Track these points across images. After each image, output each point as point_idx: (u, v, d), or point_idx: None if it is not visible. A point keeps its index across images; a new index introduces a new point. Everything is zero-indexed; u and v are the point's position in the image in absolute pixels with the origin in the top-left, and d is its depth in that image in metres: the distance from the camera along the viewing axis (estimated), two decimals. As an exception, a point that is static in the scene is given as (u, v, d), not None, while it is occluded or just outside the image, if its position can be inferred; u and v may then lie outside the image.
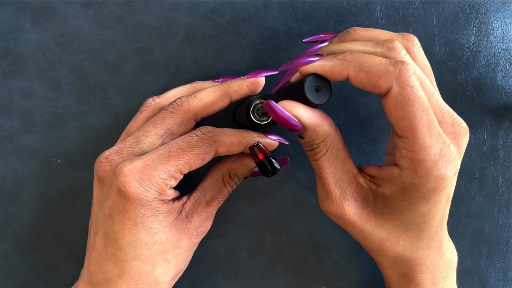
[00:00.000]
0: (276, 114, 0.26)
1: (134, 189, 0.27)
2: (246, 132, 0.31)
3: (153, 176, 0.28)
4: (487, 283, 0.39)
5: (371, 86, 0.25)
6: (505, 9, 0.37)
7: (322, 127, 0.26)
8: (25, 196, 0.35)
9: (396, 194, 0.26)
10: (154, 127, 0.30)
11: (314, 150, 0.27)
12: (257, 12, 0.35)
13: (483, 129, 0.37)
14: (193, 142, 0.29)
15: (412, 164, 0.25)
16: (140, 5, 0.35)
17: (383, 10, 0.36)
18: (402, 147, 0.25)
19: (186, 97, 0.31)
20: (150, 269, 0.29)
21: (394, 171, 0.26)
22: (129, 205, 0.28)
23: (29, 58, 0.34)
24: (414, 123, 0.24)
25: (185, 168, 0.29)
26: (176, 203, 0.30)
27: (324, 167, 0.27)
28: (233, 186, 0.33)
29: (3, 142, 0.35)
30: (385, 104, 0.25)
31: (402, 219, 0.27)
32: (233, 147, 0.30)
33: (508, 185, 0.38)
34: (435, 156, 0.24)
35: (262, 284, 0.38)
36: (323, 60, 0.26)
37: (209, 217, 0.32)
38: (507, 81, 0.37)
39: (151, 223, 0.29)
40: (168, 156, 0.28)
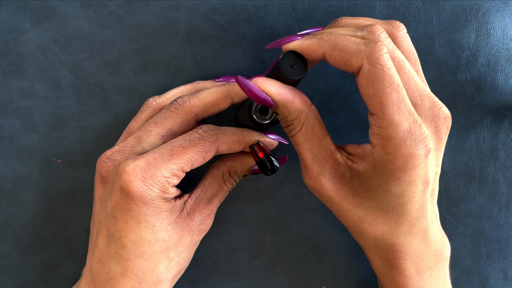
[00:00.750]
0: (248, 90, 0.27)
1: (137, 188, 0.28)
2: (247, 131, 0.31)
3: (156, 174, 0.28)
4: (487, 283, 0.39)
5: (344, 64, 0.26)
6: (505, 8, 0.37)
7: (294, 104, 0.27)
8: (25, 196, 0.35)
9: (369, 171, 0.27)
10: (156, 126, 0.31)
11: (289, 127, 0.28)
12: (257, 12, 0.35)
13: (483, 129, 0.37)
14: (194, 140, 0.29)
15: (381, 141, 0.25)
16: (140, 5, 0.35)
17: (383, 10, 0.36)
18: (373, 124, 0.25)
19: (188, 97, 0.31)
20: (153, 267, 0.29)
21: (367, 148, 0.27)
22: (132, 203, 0.28)
23: (29, 58, 0.34)
24: (383, 100, 0.24)
25: (187, 166, 0.29)
26: (178, 201, 0.30)
27: (301, 143, 0.28)
28: (233, 184, 0.33)
29: (3, 142, 0.35)
30: (358, 82, 0.25)
31: (377, 199, 0.28)
32: (234, 146, 0.30)
33: (508, 185, 0.38)
34: (404, 133, 0.25)
35: (262, 284, 0.38)
36: (303, 39, 0.27)
37: (210, 215, 0.32)
38: (507, 81, 0.37)
39: (154, 221, 0.29)
40: (170, 154, 0.29)
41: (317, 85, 0.36)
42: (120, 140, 0.33)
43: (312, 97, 0.36)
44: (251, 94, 0.27)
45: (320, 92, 0.36)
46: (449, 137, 0.37)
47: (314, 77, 0.36)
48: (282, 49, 0.28)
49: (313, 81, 0.36)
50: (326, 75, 0.36)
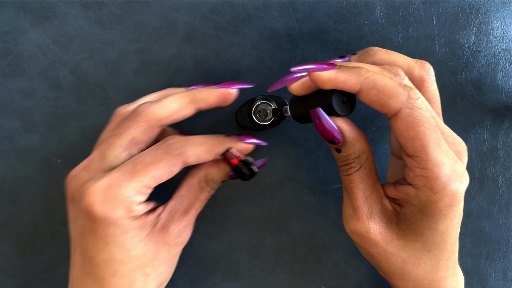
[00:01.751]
0: (321, 123, 0.26)
1: (99, 210, 0.27)
2: (217, 139, 0.30)
3: (118, 194, 0.27)
4: (487, 283, 0.39)
5: (380, 104, 0.25)
6: (505, 9, 0.37)
7: (360, 142, 0.27)
8: (25, 196, 0.35)
9: (416, 213, 0.27)
10: (118, 138, 0.30)
11: (349, 165, 0.28)
12: (257, 12, 0.35)
13: (483, 129, 0.37)
14: (158, 155, 0.28)
15: (428, 182, 0.26)
16: (140, 5, 0.35)
17: (383, 10, 0.36)
18: (416, 166, 0.26)
19: (149, 103, 0.30)
20: (129, 284, 0.29)
21: (409, 191, 0.27)
22: (97, 225, 0.27)
23: (29, 58, 0.34)
24: (425, 142, 0.25)
25: (152, 183, 0.28)
26: (150, 216, 0.29)
27: (356, 183, 0.28)
28: (210, 192, 0.31)
29: (3, 142, 0.35)
30: (395, 125, 0.26)
31: (423, 239, 0.28)
32: (203, 156, 0.29)
33: (508, 185, 0.38)
34: (448, 171, 0.25)
35: (262, 284, 0.38)
36: (338, 71, 0.26)
37: (187, 226, 0.31)
38: (507, 81, 0.37)
39: (123, 240, 0.28)
40: (133, 172, 0.28)
41: (317, 85, 0.36)
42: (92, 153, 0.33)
43: (312, 97, 0.36)
44: (323, 127, 0.26)
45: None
46: (449, 137, 0.37)
47: (314, 77, 0.36)
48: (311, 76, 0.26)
49: (313, 81, 0.36)
50: (326, 75, 0.36)
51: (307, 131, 0.37)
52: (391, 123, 0.26)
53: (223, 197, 0.37)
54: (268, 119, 0.33)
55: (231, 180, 0.33)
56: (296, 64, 0.36)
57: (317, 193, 0.37)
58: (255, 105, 0.33)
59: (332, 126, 0.26)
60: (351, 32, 0.36)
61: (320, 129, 0.26)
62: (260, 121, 0.33)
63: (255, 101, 0.33)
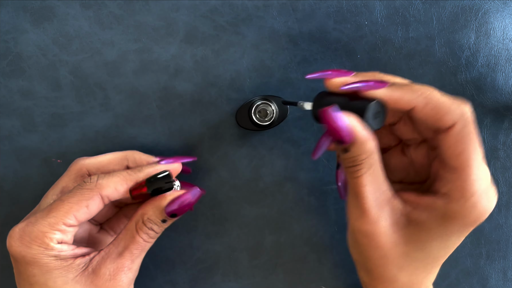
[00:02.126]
0: (332, 121, 0.25)
1: (16, 248, 0.27)
2: (133, 169, 0.30)
3: (33, 231, 0.27)
4: (487, 283, 0.39)
5: (435, 120, 0.26)
6: (505, 9, 0.37)
7: (370, 143, 0.26)
8: (25, 196, 0.35)
9: (433, 221, 0.27)
10: (52, 188, 0.31)
11: (357, 166, 0.27)
12: (257, 12, 0.35)
13: (483, 129, 0.37)
14: (73, 191, 0.29)
15: (465, 195, 0.26)
16: (140, 5, 0.35)
17: (383, 10, 0.36)
18: (456, 179, 0.26)
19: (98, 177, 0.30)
20: None
21: (438, 201, 0.27)
22: (19, 266, 0.28)
23: (29, 58, 0.34)
24: (472, 157, 0.26)
25: (69, 219, 0.28)
26: (79, 259, 0.29)
27: (364, 185, 0.27)
28: (148, 233, 0.30)
29: (3, 142, 0.35)
30: (445, 139, 0.26)
31: (428, 250, 0.28)
32: (120, 186, 0.29)
33: (508, 185, 0.38)
34: (484, 188, 0.26)
35: (262, 284, 0.38)
36: (393, 88, 0.26)
37: (121, 269, 0.29)
38: (507, 81, 0.37)
39: (45, 281, 0.28)
40: (49, 210, 0.28)
41: (317, 85, 0.36)
42: None
43: (312, 97, 0.36)
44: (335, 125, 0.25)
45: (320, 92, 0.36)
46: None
47: (314, 77, 0.36)
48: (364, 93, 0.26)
49: (313, 81, 0.36)
50: (326, 75, 0.36)
51: (307, 131, 0.37)
52: (440, 136, 0.26)
53: (223, 197, 0.37)
54: (267, 119, 0.33)
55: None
56: (295, 65, 0.36)
57: (317, 193, 0.37)
58: (255, 105, 0.33)
59: (344, 125, 0.25)
60: (351, 32, 0.36)
61: (332, 128, 0.25)
62: (260, 121, 0.33)
63: (255, 101, 0.33)
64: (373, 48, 0.36)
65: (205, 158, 0.36)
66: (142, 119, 0.36)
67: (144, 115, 0.36)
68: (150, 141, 0.36)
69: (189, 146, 0.36)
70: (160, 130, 0.36)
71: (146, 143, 0.36)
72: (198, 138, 0.36)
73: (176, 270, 0.37)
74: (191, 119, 0.36)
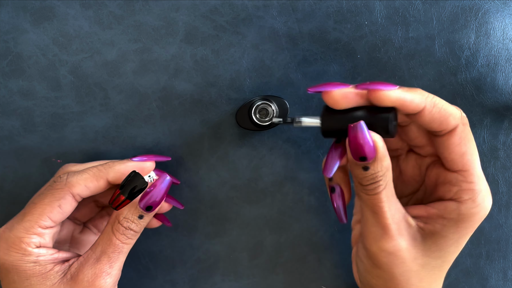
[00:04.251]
0: (360, 137, 0.25)
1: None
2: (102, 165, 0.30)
3: (9, 237, 0.27)
4: (487, 283, 0.39)
5: (440, 122, 0.26)
6: (505, 9, 0.37)
7: (387, 159, 0.26)
8: (25, 196, 0.35)
9: (450, 227, 0.28)
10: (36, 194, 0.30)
11: (376, 183, 0.27)
12: (257, 12, 0.35)
13: (483, 129, 0.37)
14: (43, 192, 0.28)
15: (473, 194, 0.27)
16: (140, 5, 0.35)
17: (383, 10, 0.36)
18: (462, 181, 0.27)
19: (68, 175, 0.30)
20: None
21: (449, 205, 0.28)
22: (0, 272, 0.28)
23: (28, 58, 0.35)
24: (474, 157, 0.27)
25: (43, 221, 0.28)
26: (58, 266, 0.28)
27: (384, 202, 0.27)
28: (126, 234, 0.29)
29: (3, 142, 0.35)
30: (448, 140, 0.27)
31: (446, 256, 0.29)
32: (90, 183, 0.29)
33: (508, 185, 0.38)
34: (486, 187, 0.28)
35: (262, 284, 0.38)
36: (403, 90, 0.26)
37: (99, 275, 0.28)
38: (507, 81, 0.37)
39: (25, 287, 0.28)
40: (23, 214, 0.28)
41: (317, 85, 0.36)
42: None
43: (312, 98, 0.36)
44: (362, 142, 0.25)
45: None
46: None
47: (314, 77, 0.36)
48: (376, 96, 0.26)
49: (313, 81, 0.36)
50: (326, 75, 0.36)
51: (307, 131, 0.37)
52: (443, 139, 0.27)
53: (223, 197, 0.37)
54: (268, 119, 0.33)
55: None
56: (295, 65, 0.36)
57: (317, 193, 0.37)
58: (255, 105, 0.33)
59: (370, 141, 0.25)
60: (351, 32, 0.36)
61: (359, 144, 0.25)
62: (260, 121, 0.33)
63: (255, 102, 0.33)
64: (373, 48, 0.36)
65: (205, 158, 0.36)
66: (142, 119, 0.36)
67: (144, 115, 0.36)
68: (150, 141, 0.36)
69: (189, 146, 0.36)
70: (160, 130, 0.36)
71: (146, 143, 0.36)
72: (198, 138, 0.36)
73: (176, 269, 0.37)
74: (191, 119, 0.36)
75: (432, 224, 0.28)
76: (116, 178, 0.29)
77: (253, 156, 0.37)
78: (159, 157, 0.32)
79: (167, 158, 0.33)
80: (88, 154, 0.36)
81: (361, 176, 0.27)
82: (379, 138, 0.26)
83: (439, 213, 0.28)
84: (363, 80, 0.36)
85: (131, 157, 0.32)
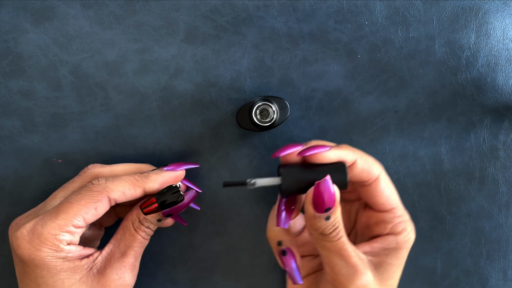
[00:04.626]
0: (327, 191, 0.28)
1: (25, 251, 0.28)
2: (142, 175, 0.31)
3: (43, 233, 0.28)
4: (487, 283, 0.39)
5: (367, 172, 0.30)
6: (505, 9, 0.37)
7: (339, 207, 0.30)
8: (26, 196, 0.35)
9: (392, 255, 0.31)
10: (61, 190, 0.31)
11: (337, 229, 0.29)
12: (258, 12, 0.35)
13: (483, 129, 0.38)
14: (81, 193, 0.29)
15: (404, 226, 0.32)
16: (140, 5, 0.35)
17: (383, 10, 0.36)
18: (394, 217, 0.32)
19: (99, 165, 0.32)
20: None
21: (389, 239, 0.32)
22: (27, 267, 0.28)
23: (29, 58, 0.35)
24: (396, 196, 0.32)
25: (78, 221, 0.29)
26: (85, 260, 0.30)
27: (346, 243, 0.30)
28: (146, 231, 0.32)
29: (3, 142, 0.35)
30: (376, 187, 0.31)
31: (395, 278, 0.32)
32: (128, 191, 0.30)
33: (508, 185, 0.38)
34: (409, 219, 0.32)
35: (262, 284, 0.38)
36: (337, 148, 0.30)
37: (127, 268, 0.31)
38: (507, 81, 0.37)
39: (54, 283, 0.28)
40: (57, 211, 0.29)
41: (318, 85, 0.36)
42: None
43: (312, 97, 0.36)
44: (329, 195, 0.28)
45: (320, 92, 0.36)
46: (449, 137, 0.37)
47: (314, 77, 0.36)
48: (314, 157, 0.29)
49: (314, 81, 0.36)
50: (327, 75, 0.36)
51: (307, 131, 0.37)
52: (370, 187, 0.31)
53: (224, 196, 0.37)
54: (268, 120, 0.33)
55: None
56: (296, 65, 0.36)
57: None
58: (256, 106, 0.33)
59: (335, 194, 0.29)
60: (352, 32, 0.36)
61: (326, 197, 0.28)
62: (260, 122, 0.33)
63: (255, 102, 0.33)
64: (374, 48, 0.36)
65: (206, 158, 0.36)
66: (142, 119, 0.36)
67: (144, 115, 0.36)
68: (150, 141, 0.36)
69: (190, 146, 0.36)
70: (160, 130, 0.36)
71: (147, 143, 0.36)
72: (199, 138, 0.36)
73: (177, 269, 0.37)
74: (191, 119, 0.36)
75: (378, 256, 0.31)
76: (152, 188, 0.31)
77: (254, 156, 0.37)
78: (189, 165, 0.33)
79: (196, 164, 0.34)
80: (88, 154, 0.36)
81: (324, 227, 0.29)
82: (337, 189, 0.29)
83: (382, 246, 0.31)
84: (363, 80, 0.36)
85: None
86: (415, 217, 0.38)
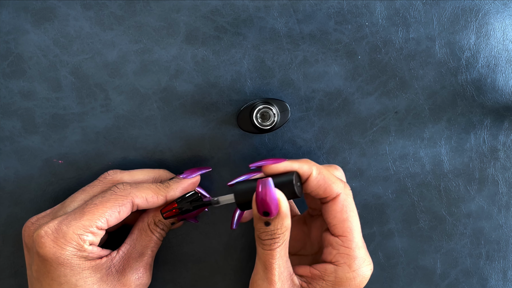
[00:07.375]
0: (266, 193, 0.28)
1: (49, 249, 0.28)
2: (163, 184, 0.32)
3: (68, 232, 0.28)
4: (487, 283, 0.39)
5: (324, 188, 0.30)
6: (505, 10, 0.37)
7: (288, 219, 0.29)
8: (26, 196, 0.35)
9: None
10: (82, 193, 0.32)
11: (274, 239, 0.29)
12: (258, 13, 0.35)
13: (483, 130, 0.38)
14: (106, 196, 0.30)
15: (348, 260, 0.30)
16: (140, 6, 0.35)
17: (383, 11, 0.36)
18: (341, 245, 0.30)
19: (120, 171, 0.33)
20: None
21: (328, 268, 0.30)
22: (49, 265, 0.28)
23: (29, 59, 0.35)
24: (353, 225, 0.30)
25: (102, 222, 0.29)
26: (104, 259, 0.30)
27: (276, 258, 0.29)
28: (161, 232, 0.33)
29: (4, 143, 0.35)
30: (331, 207, 0.30)
31: None
32: (151, 199, 0.31)
33: (508, 186, 0.38)
34: (364, 255, 0.30)
35: (262, 284, 0.38)
36: (291, 161, 0.30)
37: (146, 267, 0.32)
38: (507, 82, 0.37)
39: (76, 281, 0.29)
40: (82, 212, 0.29)
41: (318, 85, 0.36)
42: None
43: (312, 98, 0.36)
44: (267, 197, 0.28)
45: (320, 92, 0.36)
46: (449, 138, 0.37)
47: (315, 78, 0.36)
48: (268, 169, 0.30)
49: (314, 81, 0.36)
50: (327, 76, 0.36)
51: (308, 132, 0.37)
52: (328, 206, 0.30)
53: (224, 197, 0.37)
54: (269, 123, 0.33)
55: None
56: (296, 66, 0.36)
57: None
58: (257, 109, 0.33)
59: (276, 198, 0.28)
60: (352, 33, 0.36)
61: (264, 198, 0.28)
62: (261, 125, 0.33)
63: (256, 105, 0.33)
64: (374, 49, 0.36)
65: (206, 159, 0.36)
66: (143, 120, 0.36)
67: (145, 116, 0.36)
68: (150, 142, 0.36)
69: (190, 147, 0.36)
70: (161, 131, 0.36)
71: (147, 144, 0.36)
72: (199, 139, 0.36)
73: (176, 269, 0.38)
74: (192, 120, 0.36)
75: (313, 285, 0.30)
76: (174, 196, 0.32)
77: (254, 157, 0.37)
78: (202, 169, 0.34)
79: (208, 168, 0.34)
80: (89, 155, 0.36)
81: (261, 230, 0.29)
82: (283, 197, 0.28)
83: (320, 275, 0.30)
84: (364, 81, 0.36)
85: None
86: (415, 217, 0.38)
